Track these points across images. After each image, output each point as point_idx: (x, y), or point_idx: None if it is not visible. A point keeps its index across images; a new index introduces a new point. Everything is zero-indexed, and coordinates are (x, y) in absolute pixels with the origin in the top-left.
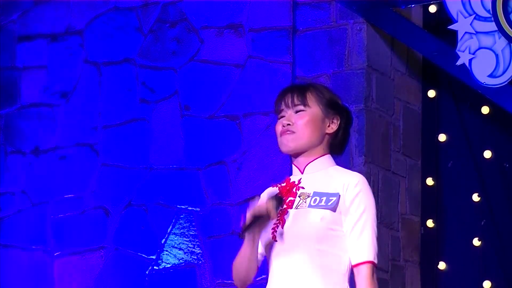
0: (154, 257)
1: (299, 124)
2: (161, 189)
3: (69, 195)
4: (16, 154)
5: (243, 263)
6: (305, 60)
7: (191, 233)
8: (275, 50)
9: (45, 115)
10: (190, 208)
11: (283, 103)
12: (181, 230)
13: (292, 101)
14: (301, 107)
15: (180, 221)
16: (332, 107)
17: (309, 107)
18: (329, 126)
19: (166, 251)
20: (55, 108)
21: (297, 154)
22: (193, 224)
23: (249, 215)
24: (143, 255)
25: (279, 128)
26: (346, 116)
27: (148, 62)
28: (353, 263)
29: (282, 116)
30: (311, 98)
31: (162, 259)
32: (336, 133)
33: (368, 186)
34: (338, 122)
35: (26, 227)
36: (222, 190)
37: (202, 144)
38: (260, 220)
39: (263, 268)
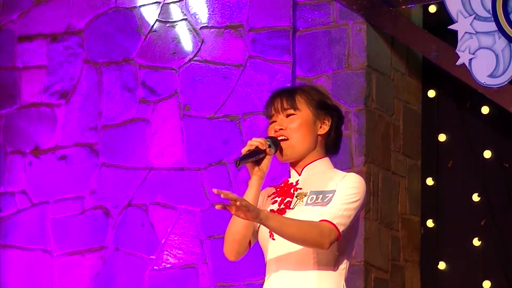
0: (154, 257)
1: (291, 128)
2: (161, 189)
3: (69, 195)
4: (16, 154)
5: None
6: (305, 60)
7: (191, 233)
8: (275, 50)
9: (45, 115)
10: (190, 208)
11: (272, 108)
12: (181, 230)
13: (282, 106)
14: (292, 111)
15: (180, 221)
16: (322, 108)
17: (300, 111)
18: (320, 127)
19: (166, 251)
20: (55, 108)
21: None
22: (193, 224)
23: (246, 146)
24: (143, 255)
25: (271, 133)
26: (336, 115)
27: (148, 62)
28: (318, 219)
29: (274, 121)
30: (300, 101)
31: (162, 259)
32: (328, 133)
33: (364, 184)
34: (330, 123)
35: (26, 227)
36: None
37: (202, 144)
38: (256, 153)
39: (262, 269)
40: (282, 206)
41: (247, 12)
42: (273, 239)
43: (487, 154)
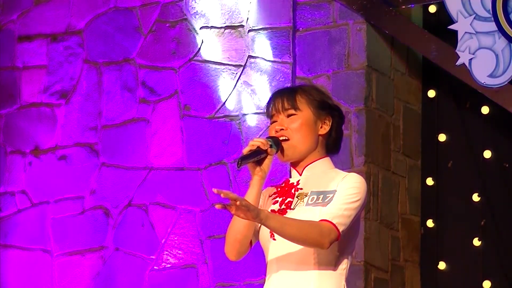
0: (154, 257)
1: (292, 128)
2: (161, 189)
3: (69, 195)
4: (16, 154)
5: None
6: (305, 60)
7: (191, 233)
8: (275, 50)
9: (45, 115)
10: (190, 208)
11: (273, 108)
12: (181, 230)
13: (283, 106)
14: (292, 111)
15: (180, 221)
16: (323, 108)
17: (300, 111)
18: (321, 127)
19: (166, 251)
20: (55, 108)
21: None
22: (193, 224)
23: (247, 147)
24: (143, 255)
25: (272, 133)
26: (337, 115)
27: (148, 62)
28: (319, 219)
29: (274, 121)
30: (301, 101)
31: (162, 259)
32: (329, 133)
33: (364, 184)
34: (330, 122)
35: (26, 227)
36: None
37: (202, 144)
38: (257, 153)
39: (262, 269)
40: (283, 206)
41: (247, 12)
42: (274, 239)
43: (487, 154)
